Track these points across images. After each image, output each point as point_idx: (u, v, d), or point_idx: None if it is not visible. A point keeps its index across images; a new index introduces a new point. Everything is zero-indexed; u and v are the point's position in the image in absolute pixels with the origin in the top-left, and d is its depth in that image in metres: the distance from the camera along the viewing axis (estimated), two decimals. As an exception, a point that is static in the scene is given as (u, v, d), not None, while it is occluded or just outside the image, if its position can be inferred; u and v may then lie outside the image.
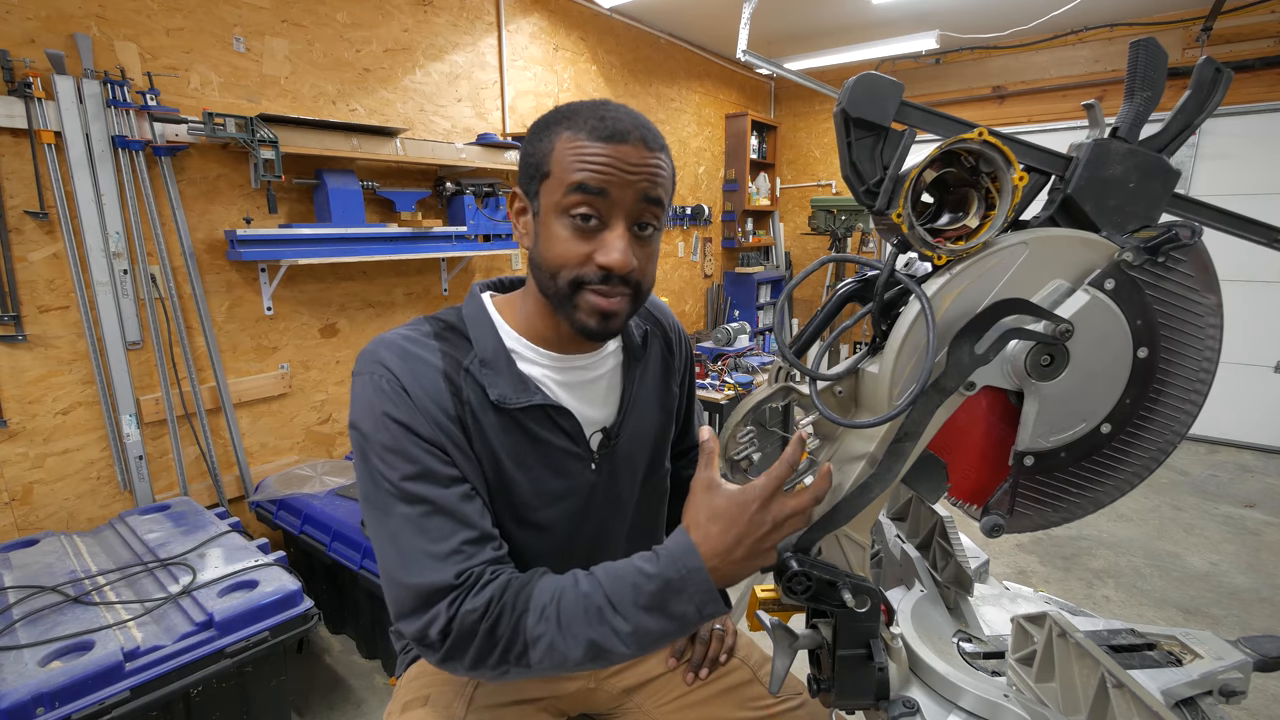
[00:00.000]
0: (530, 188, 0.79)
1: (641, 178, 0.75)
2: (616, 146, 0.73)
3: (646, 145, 0.75)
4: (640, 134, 0.75)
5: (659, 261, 0.88)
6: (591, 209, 0.74)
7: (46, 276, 2.00)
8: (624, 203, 0.75)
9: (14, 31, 1.89)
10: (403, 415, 0.74)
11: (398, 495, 0.73)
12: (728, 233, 5.66)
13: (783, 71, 4.18)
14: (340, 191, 2.55)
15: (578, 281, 0.76)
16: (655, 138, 0.77)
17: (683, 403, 1.09)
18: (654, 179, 0.76)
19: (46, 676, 1.27)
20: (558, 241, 0.76)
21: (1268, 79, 3.98)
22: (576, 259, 0.76)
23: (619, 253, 0.74)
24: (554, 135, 0.76)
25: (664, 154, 0.78)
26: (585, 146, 0.73)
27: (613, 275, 0.76)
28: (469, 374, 0.80)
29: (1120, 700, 0.60)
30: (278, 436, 2.65)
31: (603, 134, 0.73)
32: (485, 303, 0.88)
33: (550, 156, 0.76)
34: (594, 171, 0.73)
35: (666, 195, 0.79)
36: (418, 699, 0.90)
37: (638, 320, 0.98)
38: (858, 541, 0.75)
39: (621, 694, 1.00)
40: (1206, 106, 0.70)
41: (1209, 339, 0.72)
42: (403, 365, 0.77)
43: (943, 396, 0.67)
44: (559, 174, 0.75)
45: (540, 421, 0.84)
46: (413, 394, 0.75)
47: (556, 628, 0.68)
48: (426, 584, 0.70)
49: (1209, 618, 2.45)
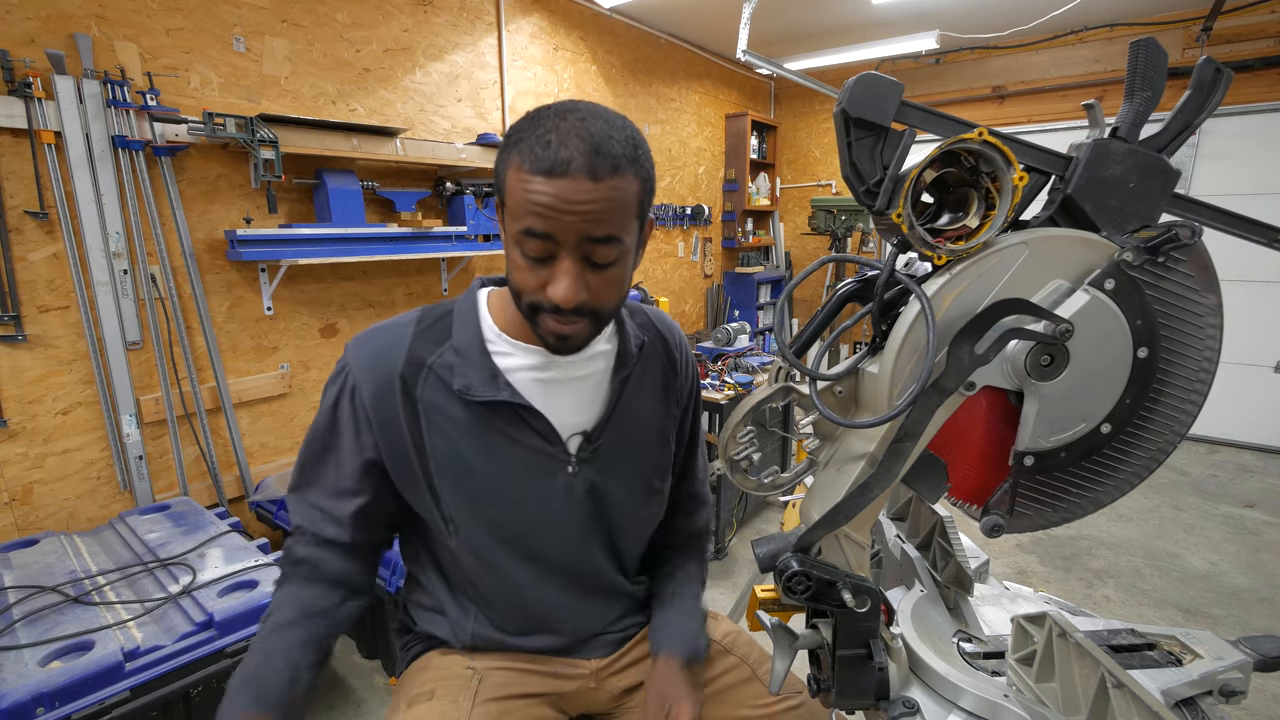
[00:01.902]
0: (500, 205, 0.79)
1: (581, 218, 0.71)
2: (556, 182, 0.69)
3: (592, 175, 0.69)
4: (585, 161, 0.69)
5: (659, 262, 0.89)
6: (538, 249, 0.74)
7: (46, 276, 2.00)
8: (568, 242, 0.73)
9: (14, 31, 1.89)
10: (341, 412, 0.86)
11: (305, 464, 0.90)
12: (728, 233, 5.66)
13: (783, 71, 4.18)
14: (340, 191, 2.55)
15: (534, 307, 0.78)
16: (606, 162, 0.70)
17: (684, 432, 1.05)
18: (597, 217, 0.71)
19: (46, 676, 1.27)
20: (516, 269, 0.77)
21: (1268, 79, 3.98)
22: (532, 287, 0.76)
23: (564, 289, 0.74)
24: (507, 160, 0.74)
25: (619, 177, 0.71)
26: (528, 182, 0.70)
27: (561, 308, 0.76)
28: (432, 370, 0.84)
29: (1120, 700, 0.60)
30: (278, 436, 2.65)
31: (543, 167, 0.69)
32: (479, 296, 0.91)
33: (505, 186, 0.74)
34: (537, 215, 0.71)
35: (622, 224, 0.74)
36: (423, 694, 0.90)
37: (637, 330, 0.96)
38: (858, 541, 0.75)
39: (622, 694, 1.01)
40: (1206, 106, 0.70)
41: (1209, 339, 0.72)
42: (364, 374, 0.85)
43: (943, 396, 0.67)
44: (512, 207, 0.74)
45: (508, 419, 0.85)
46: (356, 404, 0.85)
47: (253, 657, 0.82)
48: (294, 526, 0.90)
49: (1209, 618, 2.45)
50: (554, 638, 0.96)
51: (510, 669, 0.95)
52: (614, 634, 1.01)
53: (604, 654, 1.00)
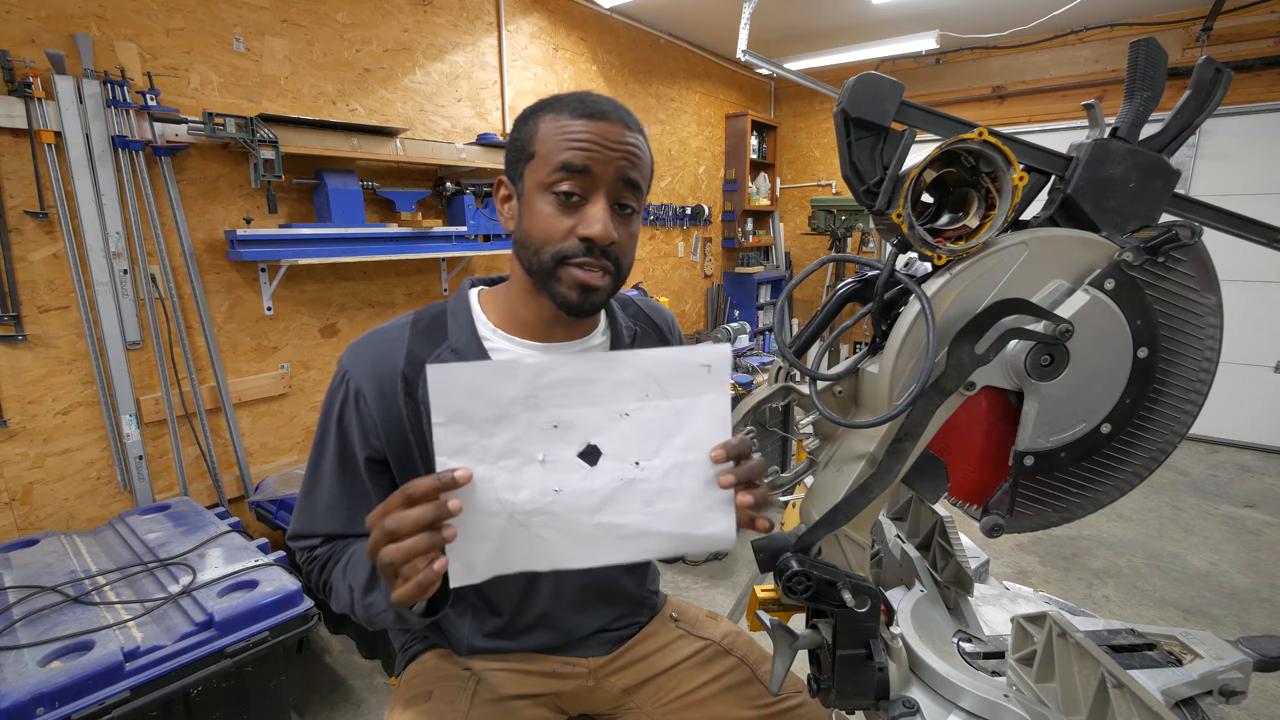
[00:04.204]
0: (515, 170, 0.83)
1: (621, 155, 0.79)
2: (598, 123, 0.78)
3: (626, 125, 0.80)
4: (620, 115, 0.80)
5: (659, 262, 0.90)
6: (575, 186, 0.78)
7: (46, 276, 2.00)
8: (605, 179, 0.78)
9: (14, 31, 1.89)
10: (347, 422, 0.86)
11: (315, 465, 0.89)
12: (728, 233, 5.66)
13: (783, 71, 4.18)
14: (340, 191, 2.55)
15: (561, 256, 0.79)
16: (635, 121, 0.82)
17: None
18: (633, 159, 0.80)
19: (46, 676, 1.27)
20: (541, 217, 0.79)
21: (1268, 79, 3.98)
22: (560, 233, 0.79)
23: (600, 224, 0.77)
24: (538, 119, 0.80)
25: (642, 137, 0.82)
26: (569, 125, 0.77)
27: (594, 248, 0.78)
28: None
29: (1120, 700, 0.60)
30: (278, 436, 2.65)
31: (584, 113, 0.78)
32: (470, 295, 0.92)
33: (535, 138, 0.80)
34: (578, 149, 0.77)
35: (644, 180, 0.83)
36: (421, 694, 0.90)
37: (629, 321, 0.98)
38: (858, 541, 0.75)
39: (621, 694, 1.00)
40: (1206, 106, 0.70)
41: (1209, 339, 0.72)
42: (368, 378, 0.85)
43: (943, 396, 0.67)
44: (544, 153, 0.78)
45: None
46: (361, 408, 0.85)
47: (339, 578, 0.83)
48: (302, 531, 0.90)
49: (1209, 618, 2.45)
50: (551, 635, 0.96)
51: (508, 670, 0.95)
52: (613, 632, 1.01)
53: (603, 652, 1.00)
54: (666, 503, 0.66)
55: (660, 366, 0.66)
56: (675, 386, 0.66)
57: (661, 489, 0.66)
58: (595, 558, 0.67)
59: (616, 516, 0.66)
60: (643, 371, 0.65)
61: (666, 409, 0.66)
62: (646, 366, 0.65)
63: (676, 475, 0.66)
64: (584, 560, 0.67)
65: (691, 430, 0.66)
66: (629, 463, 0.66)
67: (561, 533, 0.65)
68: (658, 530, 0.67)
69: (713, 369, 0.66)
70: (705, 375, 0.66)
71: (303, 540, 0.90)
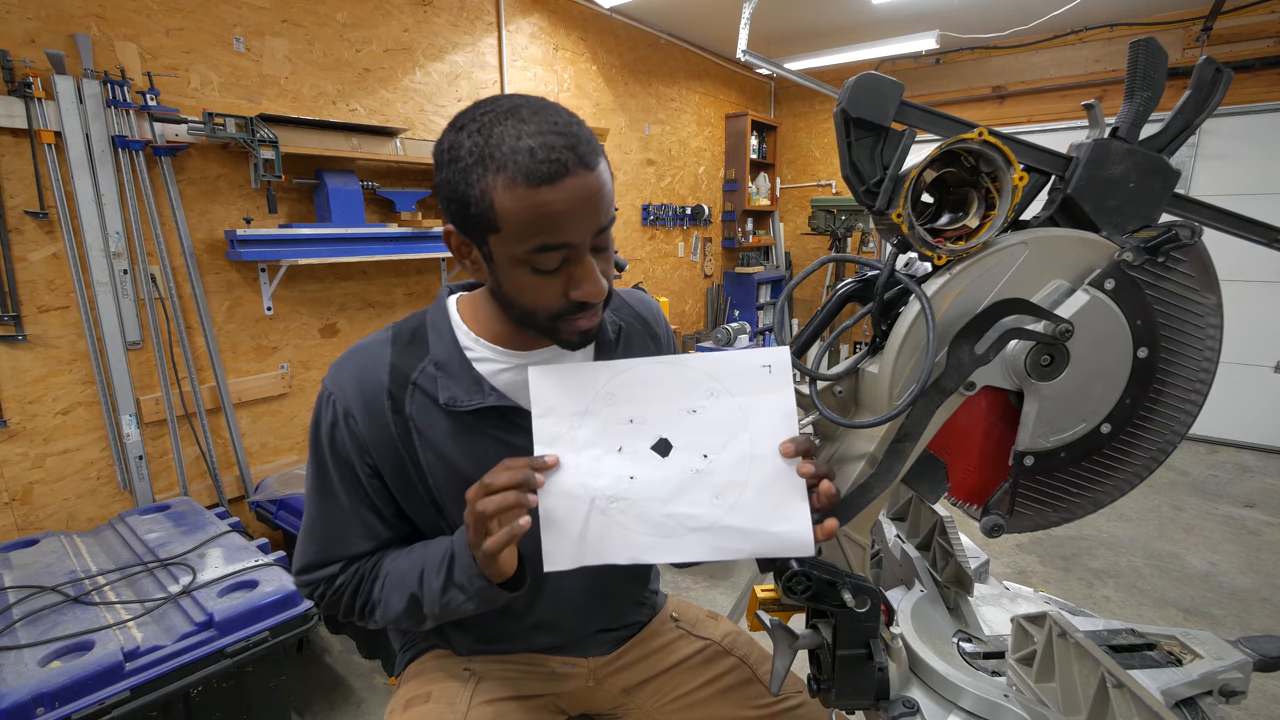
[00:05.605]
0: (473, 234, 0.73)
1: (593, 208, 0.69)
2: (561, 186, 0.66)
3: (586, 165, 0.68)
4: (579, 153, 0.67)
5: (659, 262, 0.89)
6: (556, 258, 0.71)
7: (46, 276, 2.00)
8: (586, 239, 0.71)
9: (14, 31, 1.89)
10: (341, 444, 0.84)
11: (319, 492, 0.87)
12: (728, 233, 5.66)
13: (783, 71, 4.18)
14: (340, 191, 2.55)
15: (556, 315, 0.75)
16: (590, 149, 0.69)
17: None
18: (604, 203, 0.71)
19: (46, 676, 1.27)
20: (526, 289, 0.73)
21: (1268, 79, 3.98)
22: (551, 299, 0.74)
23: (591, 283, 0.73)
24: (486, 180, 0.67)
25: (603, 160, 0.72)
26: (533, 196, 0.66)
27: (589, 303, 0.75)
28: (416, 386, 0.83)
29: (1120, 700, 0.60)
30: (278, 436, 2.65)
31: (544, 176, 0.65)
32: (448, 305, 0.89)
33: (494, 210, 0.67)
34: (554, 227, 0.68)
35: (612, 199, 0.74)
36: (420, 695, 0.90)
37: (612, 316, 0.95)
38: (858, 541, 0.75)
39: (621, 694, 1.00)
40: (1206, 106, 0.70)
41: (1209, 339, 0.72)
42: (354, 398, 0.83)
43: (943, 396, 0.67)
44: (513, 231, 0.68)
45: (496, 423, 0.83)
46: (352, 428, 0.83)
47: (391, 590, 0.84)
48: (315, 562, 0.88)
49: (1209, 618, 2.45)
50: (552, 635, 0.96)
51: (508, 670, 0.95)
52: (613, 632, 1.01)
53: (603, 652, 1.00)
54: (736, 495, 0.69)
55: (723, 368, 0.71)
56: (738, 384, 0.71)
57: (730, 481, 0.70)
58: (670, 553, 0.70)
59: (688, 507, 0.70)
60: (706, 372, 0.71)
61: (732, 406, 0.70)
62: (710, 368, 0.71)
63: (745, 468, 0.70)
64: (660, 555, 0.70)
65: (757, 426, 0.70)
66: (698, 455, 0.70)
67: (638, 520, 0.70)
68: (729, 525, 0.69)
69: (773, 369, 0.70)
70: (766, 375, 0.70)
71: (318, 571, 0.87)
